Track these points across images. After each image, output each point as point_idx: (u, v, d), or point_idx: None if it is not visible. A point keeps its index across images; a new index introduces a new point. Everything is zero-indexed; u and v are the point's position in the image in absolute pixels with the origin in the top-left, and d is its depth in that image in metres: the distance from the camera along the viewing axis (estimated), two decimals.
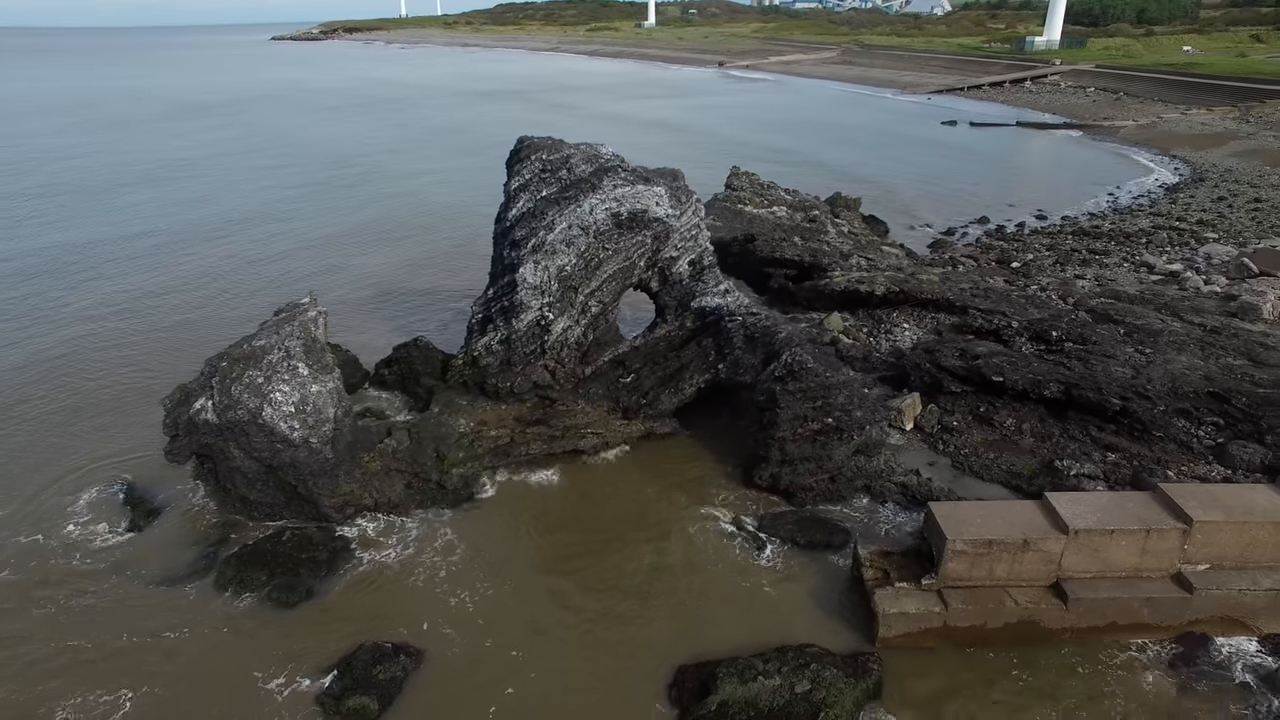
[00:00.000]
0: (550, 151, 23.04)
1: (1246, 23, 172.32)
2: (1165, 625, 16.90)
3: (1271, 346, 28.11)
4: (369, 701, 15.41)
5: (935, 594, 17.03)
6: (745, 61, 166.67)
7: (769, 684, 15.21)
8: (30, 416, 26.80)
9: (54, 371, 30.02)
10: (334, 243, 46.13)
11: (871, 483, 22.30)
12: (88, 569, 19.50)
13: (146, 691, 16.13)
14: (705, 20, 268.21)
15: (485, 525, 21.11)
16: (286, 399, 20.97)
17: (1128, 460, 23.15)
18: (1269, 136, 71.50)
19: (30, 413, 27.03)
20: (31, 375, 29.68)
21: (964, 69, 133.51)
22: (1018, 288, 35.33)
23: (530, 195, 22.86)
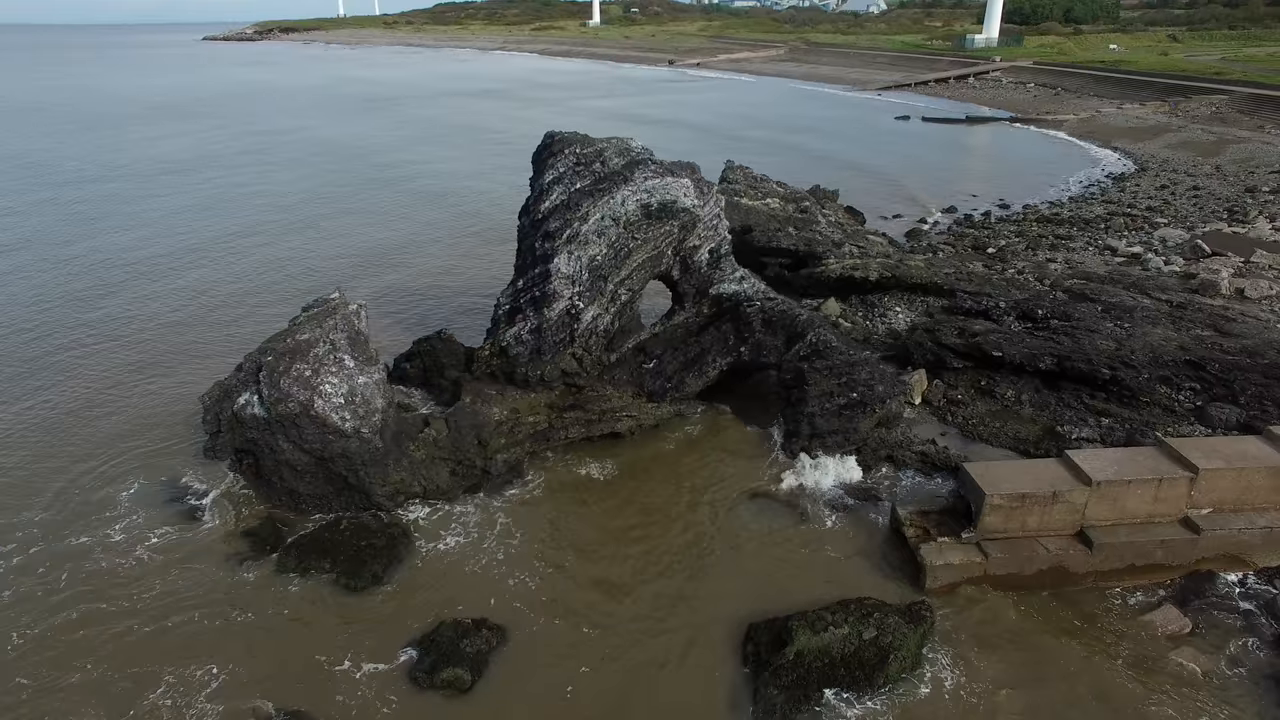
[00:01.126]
0: (583, 145, 23.95)
1: (1162, 23, 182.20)
2: (1176, 565, 18.74)
3: (1232, 319, 30.69)
4: (462, 673, 16.13)
5: (975, 546, 18.57)
6: (695, 60, 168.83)
7: (839, 633, 16.47)
8: (50, 417, 26.51)
9: (71, 368, 29.79)
10: (344, 242, 46.05)
11: (893, 452, 23.83)
12: (146, 562, 19.61)
13: (233, 669, 16.54)
14: (648, 19, 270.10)
15: (534, 508, 21.90)
16: (336, 390, 21.44)
17: (1120, 424, 25.17)
18: (1197, 130, 76.28)
19: (49, 413, 26.75)
20: (50, 376, 29.38)
21: (909, 66, 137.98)
22: (996, 271, 37.54)
23: (564, 188, 23.72)
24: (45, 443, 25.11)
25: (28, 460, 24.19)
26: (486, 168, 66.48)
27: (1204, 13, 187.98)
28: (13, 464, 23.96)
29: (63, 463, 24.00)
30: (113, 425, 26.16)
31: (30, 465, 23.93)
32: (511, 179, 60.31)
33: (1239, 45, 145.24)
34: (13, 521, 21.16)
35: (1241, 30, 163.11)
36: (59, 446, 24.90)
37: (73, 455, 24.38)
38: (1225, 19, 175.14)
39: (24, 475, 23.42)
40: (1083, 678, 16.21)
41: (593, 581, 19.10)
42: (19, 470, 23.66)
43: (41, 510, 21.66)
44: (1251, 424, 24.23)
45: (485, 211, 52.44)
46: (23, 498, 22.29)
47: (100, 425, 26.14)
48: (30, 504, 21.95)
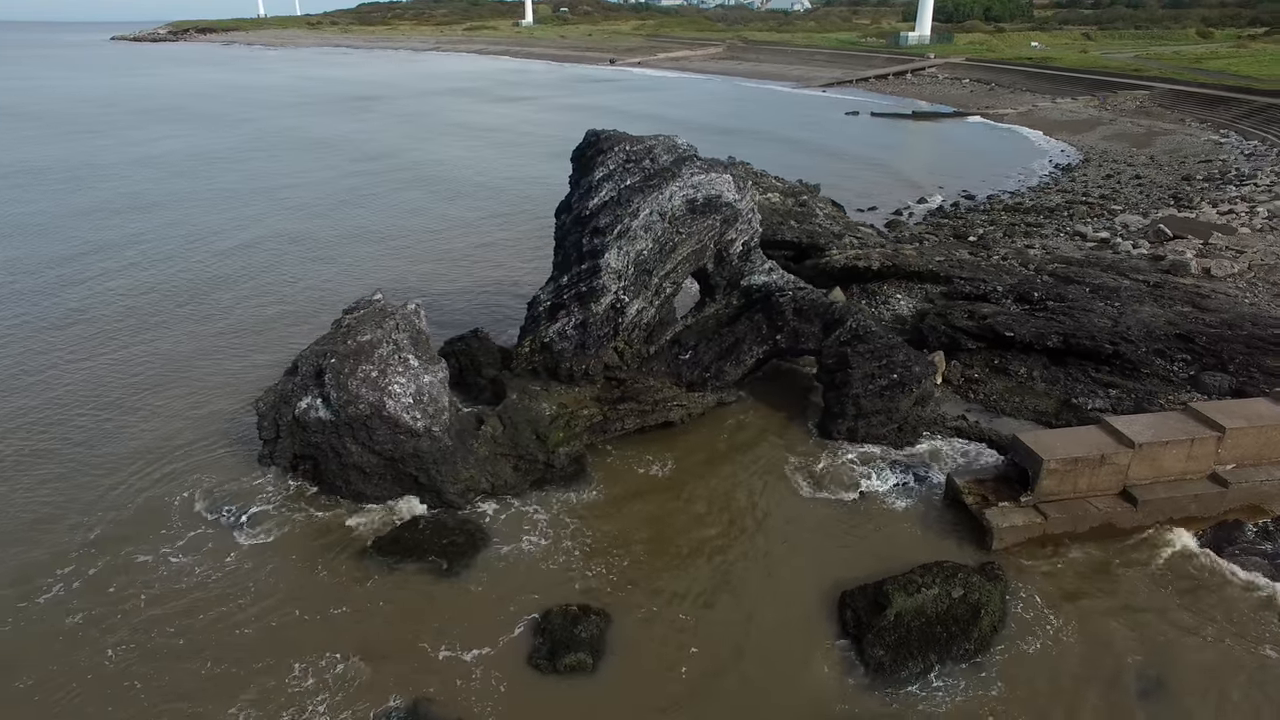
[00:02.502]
0: (632, 143, 24.55)
1: (1074, 22, 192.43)
2: (1207, 516, 20.60)
3: (1206, 295, 33.37)
4: (585, 656, 16.66)
5: (1033, 508, 20.04)
6: (636, 59, 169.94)
7: (930, 593, 17.63)
8: (80, 429, 25.70)
9: (99, 379, 28.89)
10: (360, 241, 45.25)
11: (930, 428, 25.26)
12: (230, 569, 19.46)
13: (352, 659, 16.78)
14: (580, 18, 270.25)
15: (601, 499, 22.40)
16: (404, 390, 21.57)
17: (1126, 394, 27.19)
18: (1127, 122, 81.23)
19: (78, 424, 25.93)
20: (82, 390, 28.48)
21: (848, 63, 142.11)
22: (982, 258, 39.64)
23: (614, 184, 24.28)
24: (80, 456, 24.39)
25: (68, 474, 23.49)
26: (496, 164, 67.22)
27: (1110, 13, 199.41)
28: (57, 477, 23.25)
29: (106, 475, 23.40)
30: (150, 434, 25.53)
31: (73, 480, 23.24)
32: (525, 175, 61.02)
33: (1146, 44, 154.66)
34: (72, 539, 20.66)
35: (1145, 30, 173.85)
36: (95, 459, 24.22)
37: (113, 467, 23.76)
38: (1131, 19, 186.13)
39: (68, 489, 22.77)
40: (1147, 616, 17.79)
41: (675, 566, 19.79)
42: (66, 484, 22.97)
43: (99, 526, 21.16)
44: (1242, 389, 26.55)
45: (505, 209, 53.00)
46: (78, 513, 21.72)
47: (138, 434, 25.48)
48: (87, 519, 21.44)
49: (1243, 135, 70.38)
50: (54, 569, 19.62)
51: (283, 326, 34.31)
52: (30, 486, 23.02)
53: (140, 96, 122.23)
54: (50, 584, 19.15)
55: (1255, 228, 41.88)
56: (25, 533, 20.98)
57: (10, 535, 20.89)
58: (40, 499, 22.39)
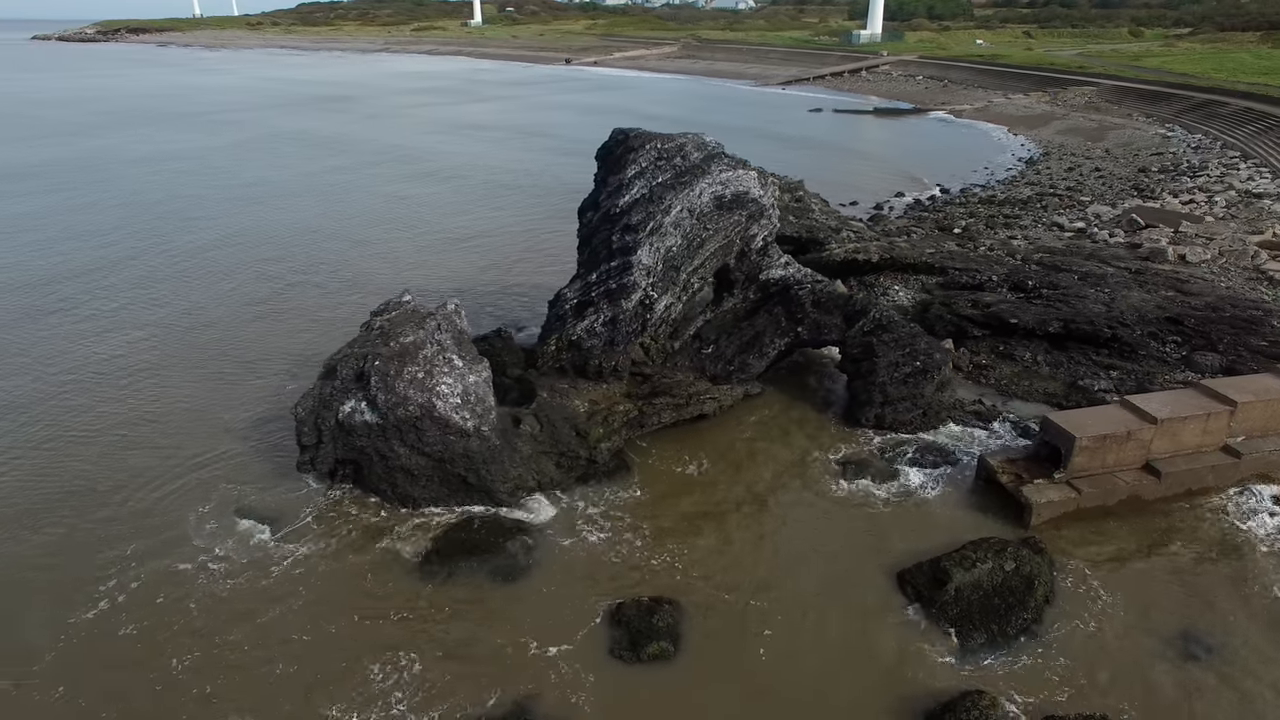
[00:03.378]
0: (663, 141, 24.92)
1: (1014, 21, 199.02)
2: (1222, 486, 21.93)
3: (1185, 280, 35.23)
4: (666, 645, 17.03)
5: (1066, 484, 21.07)
6: (591, 58, 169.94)
7: (985, 568, 18.47)
8: (104, 440, 25.01)
9: (114, 389, 28.03)
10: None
11: (951, 412, 26.24)
12: (276, 577, 19.21)
13: (428, 660, 16.84)
14: (528, 17, 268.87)
15: (649, 491, 22.74)
16: (451, 391, 21.60)
17: (1126, 375, 28.61)
18: (1079, 117, 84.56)
19: (102, 435, 25.22)
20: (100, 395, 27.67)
21: (802, 61, 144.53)
22: (970, 249, 41.07)
23: (646, 182, 24.62)
24: (107, 468, 23.78)
25: (97, 487, 22.89)
26: (504, 160, 68.24)
27: (1047, 12, 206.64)
28: (85, 490, 22.63)
29: (135, 488, 22.87)
30: (175, 445, 24.97)
31: (101, 493, 22.66)
32: (535, 172, 61.50)
33: (1083, 42, 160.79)
34: (109, 553, 20.18)
35: (1081, 29, 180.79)
36: (122, 470, 23.64)
37: (141, 479, 23.22)
38: (1067, 18, 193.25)
39: (97, 502, 22.20)
40: (1185, 581, 18.92)
41: (732, 554, 20.25)
42: (94, 497, 22.38)
43: (133, 539, 20.67)
44: (1233, 367, 28.21)
45: (524, 204, 53.42)
46: (110, 525, 21.22)
47: (161, 445, 24.90)
48: (119, 531, 20.98)
49: (1187, 129, 73.97)
50: (96, 584, 19.15)
51: (291, 331, 33.81)
52: (60, 497, 22.42)
53: (98, 98, 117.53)
54: (95, 598, 18.72)
55: (1218, 216, 44.24)
56: (59, 547, 20.45)
57: (45, 549, 20.34)
58: (70, 511, 21.79)
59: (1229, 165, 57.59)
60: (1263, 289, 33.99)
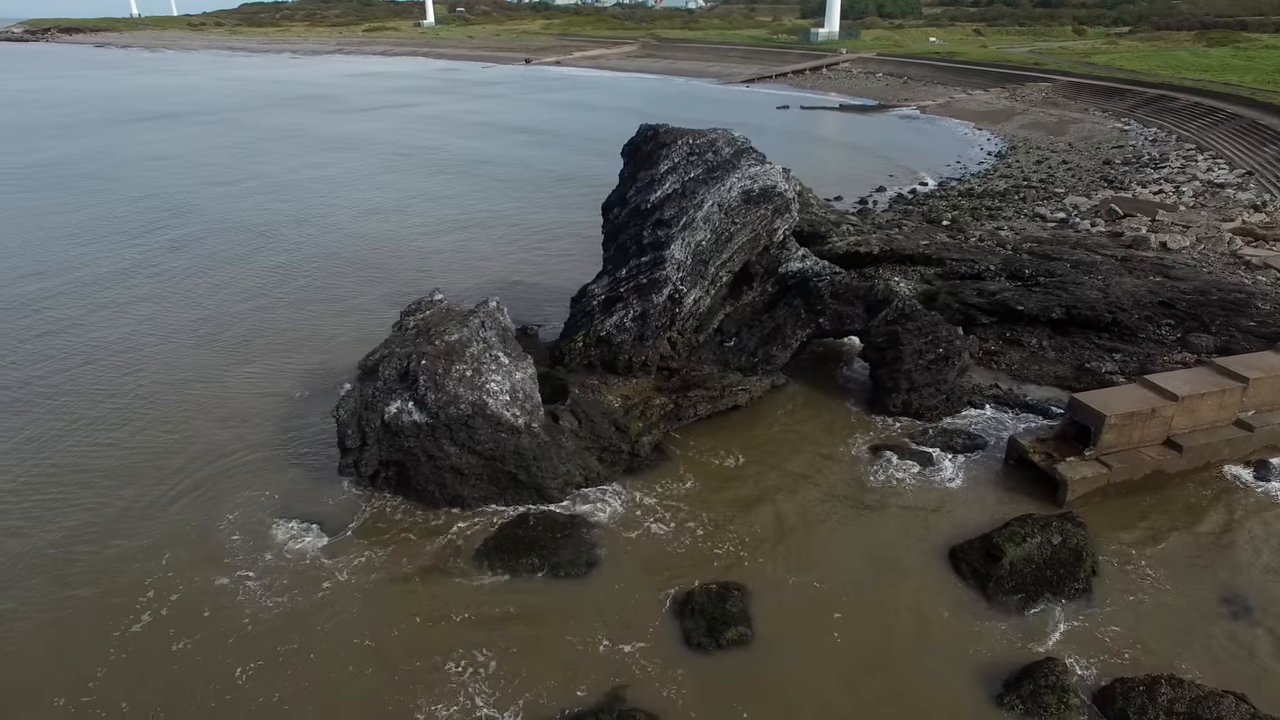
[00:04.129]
0: (695, 136, 25.26)
1: (962, 19, 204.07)
2: (1237, 458, 23.16)
3: (1170, 266, 36.86)
4: (743, 629, 17.40)
5: (1096, 461, 22.03)
6: (552, 58, 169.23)
7: (1034, 542, 19.25)
8: (129, 451, 24.40)
9: (149, 398, 27.23)
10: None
11: (970, 397, 27.13)
12: (329, 583, 19.02)
13: (504, 658, 16.93)
14: (480, 18, 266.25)
15: (695, 481, 23.02)
16: (501, 388, 21.65)
17: (1129, 358, 29.89)
18: (1039, 112, 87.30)
19: (124, 445, 24.60)
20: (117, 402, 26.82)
21: (763, 59, 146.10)
22: (960, 240, 42.31)
23: (678, 177, 24.93)
24: (131, 477, 23.25)
25: (122, 495, 22.37)
26: (519, 154, 69.26)
27: (994, 10, 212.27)
28: (110, 502, 22.11)
29: (163, 496, 22.43)
30: (200, 453, 24.50)
31: (129, 503, 22.17)
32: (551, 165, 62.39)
33: (1031, 40, 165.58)
34: (143, 566, 19.77)
35: (1027, 27, 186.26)
36: (149, 479, 23.14)
37: (170, 489, 22.78)
38: (1013, 16, 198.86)
39: (126, 512, 21.71)
40: (1218, 546, 20.00)
41: (786, 540, 20.67)
42: (122, 510, 21.89)
43: (167, 549, 20.30)
44: (1226, 347, 29.68)
45: (537, 199, 53.80)
46: (139, 537, 20.80)
47: (184, 454, 24.41)
48: (148, 543, 20.59)
49: (1142, 123, 76.99)
50: (134, 598, 18.68)
51: (307, 330, 33.31)
52: (91, 508, 21.91)
53: (77, 100, 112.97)
54: (137, 612, 18.29)
55: (1188, 205, 46.30)
56: (92, 561, 19.94)
57: (76, 562, 19.85)
58: (99, 526, 21.25)
59: (1188, 157, 60.20)
60: (1242, 273, 35.77)
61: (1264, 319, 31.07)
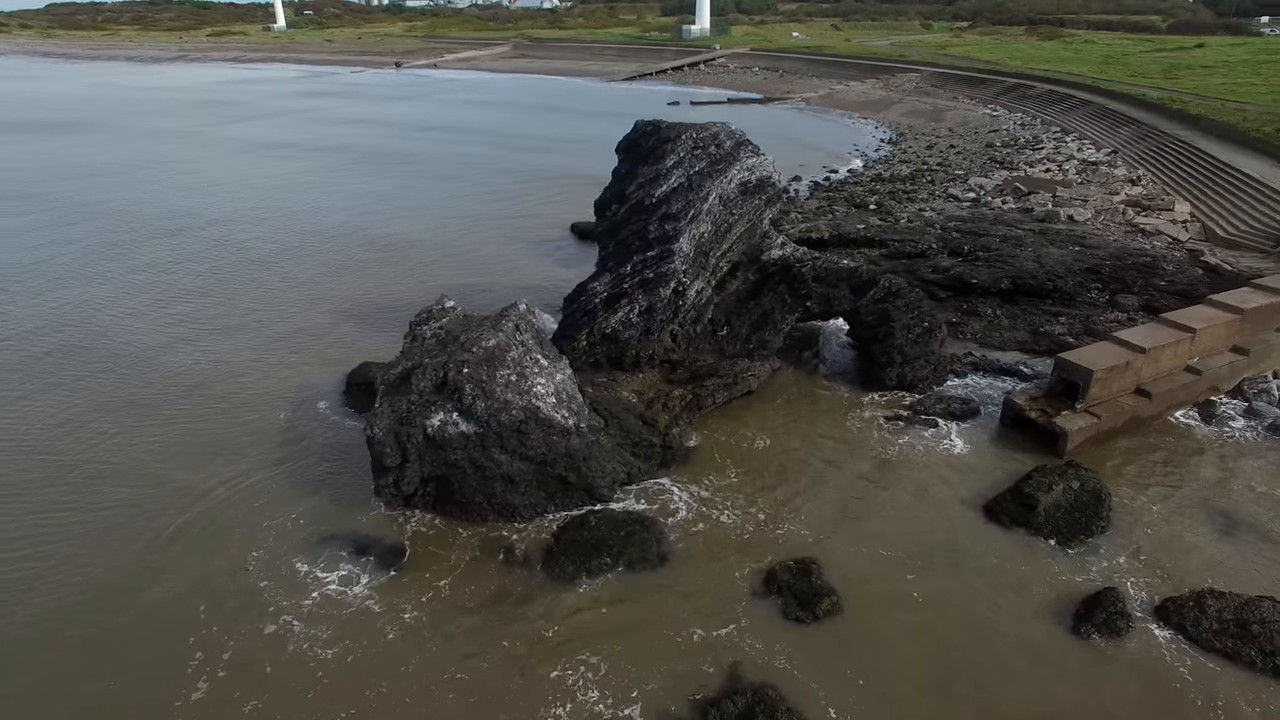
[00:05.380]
0: (698, 130, 25.75)
1: (816, 15, 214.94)
2: (1190, 400, 26.29)
3: (1083, 236, 40.87)
4: (835, 599, 18.25)
5: (1086, 412, 24.45)
6: (423, 61, 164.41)
7: (1059, 488, 21.23)
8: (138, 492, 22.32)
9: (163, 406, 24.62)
10: None
11: (952, 366, 29.25)
12: (399, 618, 18.22)
13: (607, 656, 17.05)
14: (331, 20, 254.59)
15: (733, 468, 23.60)
16: (546, 390, 21.52)
17: (1073, 320, 33.02)
18: (914, 101, 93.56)
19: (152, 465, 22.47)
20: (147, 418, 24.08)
21: (640, 57, 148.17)
22: (891, 222, 45.10)
23: (684, 171, 25.39)
24: (124, 522, 21.40)
25: (139, 540, 20.60)
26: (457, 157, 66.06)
27: (845, 6, 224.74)
28: (137, 548, 20.29)
29: (180, 537, 20.83)
30: (223, 480, 22.83)
31: (148, 549, 20.45)
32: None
33: (885, 34, 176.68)
34: (181, 622, 18.42)
35: (879, 21, 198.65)
36: (150, 523, 21.39)
37: (187, 532, 21.17)
38: (866, 12, 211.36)
39: (151, 560, 20.04)
40: (1199, 474, 22.74)
41: (835, 512, 21.67)
42: (143, 552, 20.16)
43: (202, 598, 18.95)
44: (1149, 305, 33.43)
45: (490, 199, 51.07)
46: (181, 584, 19.31)
47: (198, 491, 22.68)
48: (198, 588, 19.17)
49: (1007, 109, 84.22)
50: (183, 661, 17.06)
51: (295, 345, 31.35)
52: (107, 563, 19.97)
53: None
54: (191, 678, 16.69)
55: (1075, 181, 51.33)
56: (124, 622, 18.20)
57: (106, 621, 18.17)
58: (118, 581, 19.43)
59: (1058, 139, 66.54)
60: (1140, 239, 40.20)
61: (1171, 278, 35.18)
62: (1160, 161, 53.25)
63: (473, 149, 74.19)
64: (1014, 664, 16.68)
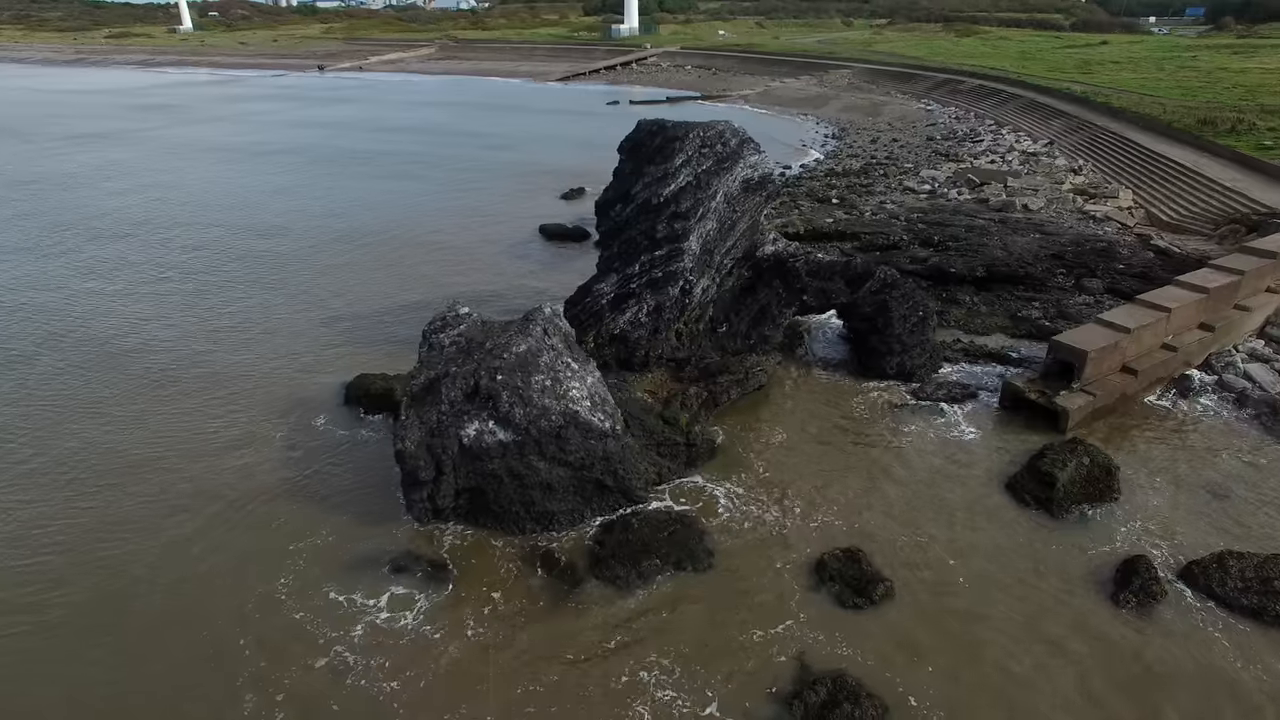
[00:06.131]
0: (705, 129, 25.85)
1: (739, 13, 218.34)
2: (1168, 375, 27.97)
3: (1041, 223, 42.87)
4: (888, 585, 18.71)
5: (1082, 391, 25.75)
6: (346, 63, 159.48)
7: (1071, 464, 22.32)
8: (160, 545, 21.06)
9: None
10: None
11: (946, 352, 30.31)
12: (471, 639, 17.90)
13: (676, 656, 17.11)
14: (241, 22, 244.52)
15: (762, 463, 23.82)
16: (581, 394, 21.38)
17: (1046, 304, 34.63)
18: (850, 96, 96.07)
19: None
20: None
21: (571, 57, 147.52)
22: (856, 215, 46.32)
23: (692, 169, 25.50)
24: (136, 550, 20.29)
25: (158, 581, 19.54)
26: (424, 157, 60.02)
27: (765, 4, 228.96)
28: (166, 581, 19.23)
29: (197, 563, 19.87)
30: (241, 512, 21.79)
31: (180, 578, 19.44)
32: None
33: (809, 31, 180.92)
34: (232, 657, 17.67)
35: (801, 19, 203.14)
36: (166, 548, 20.33)
37: (203, 560, 20.21)
38: (787, 10, 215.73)
39: (167, 588, 19.05)
40: (1187, 444, 24.26)
41: (865, 500, 22.19)
42: (165, 595, 19.14)
43: (249, 626, 18.23)
44: (1112, 287, 35.37)
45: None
46: (215, 619, 18.43)
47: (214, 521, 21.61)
48: (234, 622, 18.35)
49: (940, 104, 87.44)
50: (235, 707, 16.17)
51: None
52: (125, 606, 18.87)
53: None
54: None
55: (1023, 172, 53.75)
56: (159, 672, 17.20)
57: (141, 674, 17.21)
58: (143, 624, 18.48)
59: (994, 132, 69.50)
60: (1093, 226, 42.44)
61: (1128, 261, 37.30)
62: (1095, 152, 56.30)
63: (428, 148, 73.50)
64: (1067, 638, 17.44)
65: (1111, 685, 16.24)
